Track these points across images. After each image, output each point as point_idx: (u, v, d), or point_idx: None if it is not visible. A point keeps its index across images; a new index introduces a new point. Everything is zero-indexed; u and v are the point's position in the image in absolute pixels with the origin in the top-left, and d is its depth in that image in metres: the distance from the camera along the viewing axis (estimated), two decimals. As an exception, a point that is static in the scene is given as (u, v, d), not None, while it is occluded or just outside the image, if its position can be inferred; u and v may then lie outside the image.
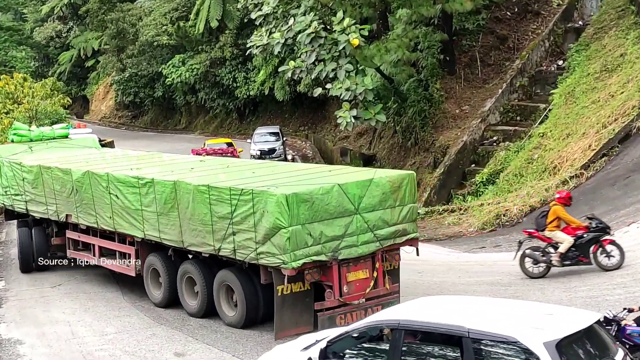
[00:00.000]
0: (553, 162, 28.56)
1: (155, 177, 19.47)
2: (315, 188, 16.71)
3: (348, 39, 30.34)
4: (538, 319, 10.33)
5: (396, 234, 17.85)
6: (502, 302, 12.14)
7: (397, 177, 17.99)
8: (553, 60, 36.41)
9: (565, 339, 9.77)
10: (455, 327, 10.15)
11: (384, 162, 39.96)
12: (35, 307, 21.23)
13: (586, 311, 11.43)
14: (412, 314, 10.99)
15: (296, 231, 16.21)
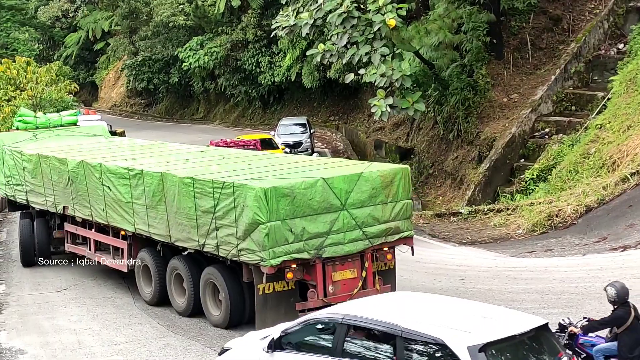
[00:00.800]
0: (612, 157, 28.35)
1: (144, 169, 20.19)
2: (297, 182, 17.17)
3: (384, 19, 30.23)
4: (473, 322, 11.35)
5: (388, 231, 18.21)
6: (455, 302, 13.05)
7: (389, 171, 18.38)
8: (613, 44, 36.13)
9: (491, 344, 10.67)
10: (390, 325, 11.37)
11: (422, 156, 39.89)
12: (39, 314, 21.39)
13: (530, 316, 12.12)
14: (359, 309, 12.27)
15: (275, 227, 16.68)
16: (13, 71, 49.87)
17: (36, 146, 26.50)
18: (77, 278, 24.62)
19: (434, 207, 34.28)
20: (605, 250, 22.98)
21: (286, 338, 12.65)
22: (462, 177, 34.81)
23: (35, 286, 24.12)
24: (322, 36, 41.62)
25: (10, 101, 47.76)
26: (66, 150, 25.01)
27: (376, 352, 11.55)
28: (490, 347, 10.65)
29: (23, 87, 49.22)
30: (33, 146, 26.50)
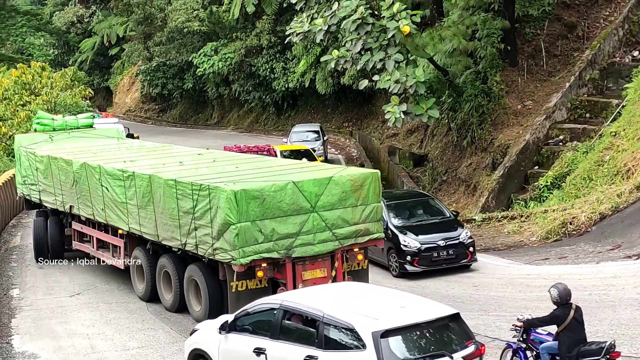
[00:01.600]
0: (626, 165, 28.23)
1: (135, 171, 21.46)
2: (267, 185, 18.21)
3: (398, 25, 30.22)
4: (386, 310, 13.03)
5: (357, 233, 19.17)
6: (384, 292, 14.67)
7: (359, 175, 19.41)
8: (628, 51, 35.99)
9: (394, 330, 12.24)
10: (315, 312, 13.07)
11: (436, 162, 39.81)
12: (52, 318, 21.45)
13: (444, 307, 13.47)
14: (295, 297, 14.08)
15: (245, 227, 17.73)
16: (28, 76, 50.15)
17: (50, 148, 27.71)
18: (90, 283, 24.68)
19: (447, 213, 34.21)
20: (620, 258, 22.88)
21: (240, 321, 14.32)
22: (475, 184, 34.72)
23: (48, 290, 24.19)
24: (336, 42, 41.66)
25: (25, 106, 48.04)
26: (76, 152, 26.19)
27: (304, 334, 13.17)
28: (392, 332, 12.19)
29: (38, 92, 49.49)
30: (47, 147, 27.70)
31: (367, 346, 12.11)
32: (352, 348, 12.38)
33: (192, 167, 22.13)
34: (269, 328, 13.72)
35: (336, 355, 12.52)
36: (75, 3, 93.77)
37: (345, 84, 51.31)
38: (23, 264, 27.74)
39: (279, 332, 13.50)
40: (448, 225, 24.41)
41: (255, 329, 14.09)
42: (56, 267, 26.82)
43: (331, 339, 12.70)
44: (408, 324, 12.51)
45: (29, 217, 36.14)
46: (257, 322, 14.16)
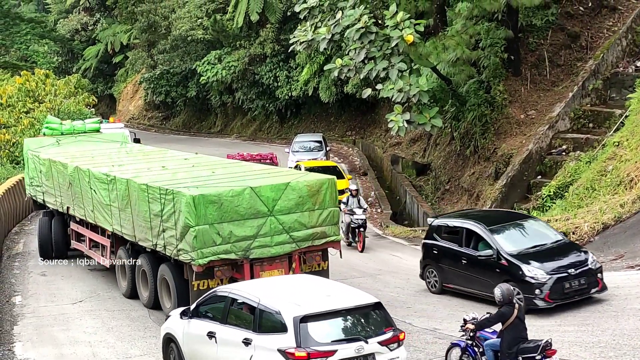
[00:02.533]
0: (629, 175, 28.19)
1: (116, 175, 22.73)
2: (225, 190, 19.41)
3: (401, 35, 30.27)
4: (312, 298, 14.61)
5: (314, 236, 20.32)
6: (318, 282, 16.22)
7: (315, 181, 20.53)
8: (631, 61, 35.99)
9: (313, 315, 13.84)
10: (253, 300, 14.73)
11: (439, 171, 39.81)
12: (54, 326, 21.45)
13: (366, 296, 14.92)
14: (241, 287, 15.76)
15: (203, 230, 18.95)
16: (32, 83, 50.18)
17: (53, 151, 28.97)
18: (92, 290, 24.70)
19: (450, 223, 34.16)
20: (622, 268, 22.85)
21: (201, 308, 15.98)
22: (478, 193, 34.70)
23: (50, 298, 24.20)
24: (340, 51, 41.66)
25: (28, 113, 48.07)
26: (75, 155, 27.56)
27: (245, 319, 14.82)
28: (312, 318, 13.80)
29: (42, 99, 49.52)
30: (53, 151, 28.95)
31: (288, 329, 13.73)
32: (278, 331, 13.92)
33: (171, 171, 23.28)
34: (220, 314, 15.38)
35: (266, 337, 14.09)
36: (80, 11, 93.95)
37: (349, 92, 51.32)
38: (25, 271, 27.76)
39: (227, 317, 15.18)
40: (568, 249, 21.00)
41: (210, 315, 15.69)
42: (58, 275, 26.87)
43: (264, 323, 14.30)
44: (327, 310, 14.11)
45: (31, 224, 36.19)
46: (212, 309, 15.77)
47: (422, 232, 31.95)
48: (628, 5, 38.05)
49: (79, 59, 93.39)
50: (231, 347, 14.72)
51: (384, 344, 14.11)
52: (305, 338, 13.63)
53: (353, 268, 26.29)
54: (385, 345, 14.16)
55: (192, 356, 15.91)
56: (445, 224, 22.52)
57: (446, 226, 22.43)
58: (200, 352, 15.65)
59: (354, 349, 13.80)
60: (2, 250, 30.60)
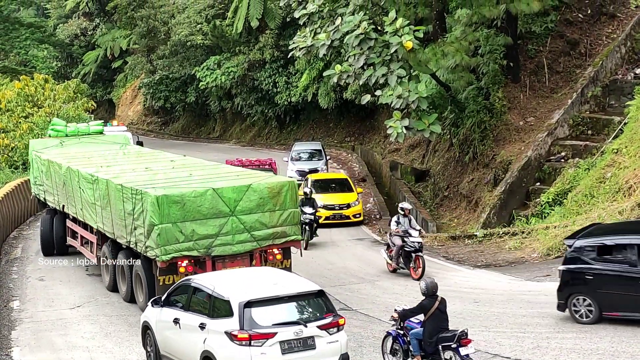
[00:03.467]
0: (628, 182, 28.21)
1: (99, 176, 23.99)
2: (188, 191, 20.73)
3: (401, 41, 30.30)
4: (259, 286, 16.05)
5: (275, 235, 21.58)
6: (270, 272, 17.80)
7: (276, 184, 21.85)
8: (630, 68, 36.02)
9: (256, 301, 15.22)
10: (209, 288, 16.16)
11: (438, 178, 39.81)
12: (52, 331, 21.41)
13: (309, 284, 16.33)
14: (202, 278, 17.20)
15: (166, 228, 20.27)
16: (31, 88, 50.15)
17: (56, 152, 30.27)
18: (90, 295, 24.67)
19: (448, 229, 34.18)
20: (621, 276, 22.81)
21: (172, 297, 17.30)
22: (477, 200, 34.70)
23: (49, 303, 24.16)
24: (339, 57, 41.71)
25: (27, 118, 48.03)
26: (74, 157, 28.84)
27: (203, 306, 16.14)
28: (255, 303, 15.17)
29: (41, 104, 49.48)
30: (54, 152, 30.24)
31: (234, 314, 15.14)
32: (227, 316, 15.31)
33: (152, 172, 24.56)
34: (184, 302, 16.79)
35: (216, 321, 15.51)
36: (79, 16, 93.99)
37: (348, 98, 51.34)
38: (24, 276, 27.73)
39: (189, 305, 16.59)
40: None
41: (177, 303, 17.05)
42: (56, 280, 26.85)
43: (216, 309, 15.72)
44: (270, 296, 15.53)
45: (30, 229, 36.18)
46: (179, 297, 17.14)
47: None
48: (627, 12, 38.10)
49: (78, 64, 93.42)
50: (191, 331, 16.14)
51: (323, 328, 15.45)
52: (248, 321, 15.02)
53: (352, 274, 26.29)
54: (325, 330, 15.48)
55: (163, 341, 17.26)
56: (599, 244, 19.25)
57: (602, 245, 19.17)
58: (168, 337, 17.05)
59: (293, 332, 15.15)
60: (0, 255, 30.58)
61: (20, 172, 43.87)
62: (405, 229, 25.55)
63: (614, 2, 38.64)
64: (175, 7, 71.43)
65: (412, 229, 25.56)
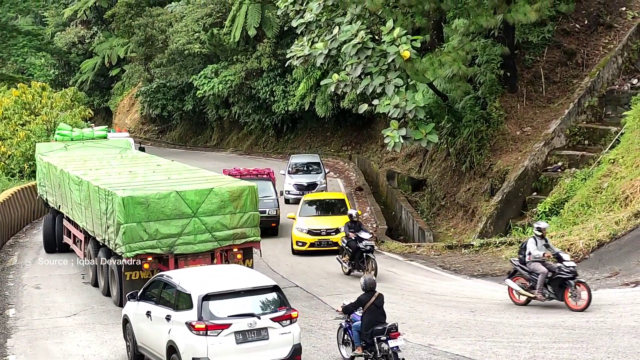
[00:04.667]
0: (625, 192, 28.24)
1: (83, 178, 25.57)
2: (152, 193, 22.20)
3: (398, 50, 30.35)
4: (219, 281, 17.40)
5: (235, 236, 23.00)
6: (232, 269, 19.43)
7: (237, 188, 23.16)
8: (626, 79, 36.10)
9: (213, 294, 16.44)
10: (174, 283, 17.43)
11: (435, 187, 39.82)
12: (48, 339, 21.36)
13: (266, 279, 17.60)
14: (171, 274, 18.44)
15: (131, 227, 21.78)
16: (28, 96, 50.15)
17: (58, 155, 31.85)
18: (86, 303, 24.63)
19: (445, 238, 34.18)
20: (617, 286, 22.85)
21: (147, 291, 18.46)
22: (474, 209, 34.71)
23: (44, 311, 24.12)
24: (337, 66, 41.79)
25: (24, 125, 48.01)
26: (71, 160, 30.48)
27: (170, 299, 17.33)
28: (213, 297, 16.39)
29: (38, 111, 49.46)
30: (56, 155, 31.89)
31: (194, 306, 16.33)
32: (188, 308, 16.50)
33: (134, 175, 26.22)
34: (156, 296, 17.98)
35: (179, 313, 16.70)
36: (77, 24, 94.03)
37: (345, 107, 51.40)
38: (20, 284, 27.69)
39: (159, 299, 17.79)
40: None
41: (151, 297, 18.20)
42: (52, 288, 26.82)
43: (180, 302, 16.92)
44: (227, 290, 16.73)
45: (26, 237, 36.16)
46: (152, 291, 18.28)
47: (417, 247, 32.00)
48: (624, 23, 38.19)
49: (75, 71, 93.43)
50: (159, 323, 17.36)
51: (276, 320, 16.59)
52: (206, 313, 16.22)
53: (348, 283, 26.26)
54: (278, 322, 16.61)
55: (139, 333, 18.48)
56: None
57: None
58: (142, 329, 18.28)
59: (247, 323, 16.31)
60: (-4, 263, 30.64)
61: (17, 180, 43.82)
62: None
63: (611, 13, 38.75)
64: (172, 15, 71.48)
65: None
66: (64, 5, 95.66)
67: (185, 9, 69.81)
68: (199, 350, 16.07)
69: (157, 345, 17.46)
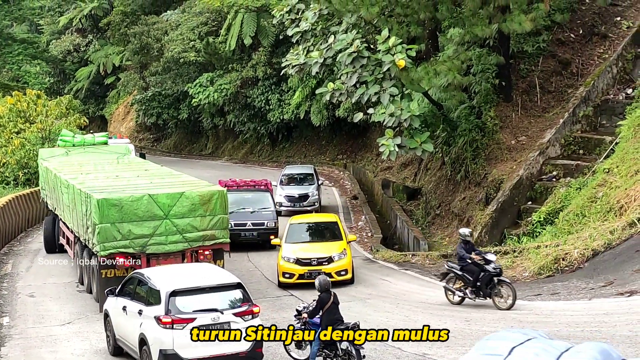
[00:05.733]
0: (619, 202, 28.25)
1: (69, 182, 26.88)
2: (125, 196, 23.44)
3: (393, 59, 30.39)
4: (187, 278, 18.82)
5: (205, 237, 24.18)
6: (200, 267, 21.24)
7: (207, 192, 24.40)
8: (621, 89, 36.15)
9: (179, 291, 17.89)
10: (146, 279, 18.93)
11: (430, 196, 39.82)
12: (42, 347, 21.33)
13: (230, 277, 18.92)
14: (145, 271, 20.00)
15: (105, 228, 23.03)
16: (23, 104, 50.12)
17: (58, 160, 33.35)
18: (81, 312, 24.60)
19: (440, 247, 34.17)
20: (612, 295, 22.84)
21: (124, 288, 20.02)
22: (469, 219, 34.71)
23: (38, 319, 24.09)
24: (332, 75, 41.78)
25: (19, 133, 47.98)
26: (73, 164, 31.89)
27: (143, 295, 18.87)
28: (179, 292, 17.85)
29: (33, 119, 49.43)
30: (56, 160, 33.41)
31: (162, 301, 17.66)
32: (157, 303, 17.85)
33: (118, 179, 27.61)
34: (131, 292, 19.48)
35: (150, 308, 18.08)
36: (72, 32, 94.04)
37: (340, 116, 51.42)
38: (14, 292, 27.65)
39: (134, 294, 19.26)
40: None
41: (128, 293, 19.68)
42: (47, 296, 26.80)
43: (151, 297, 18.34)
44: (193, 287, 18.15)
45: (20, 245, 36.10)
46: (129, 287, 19.80)
47: (412, 256, 31.99)
48: (619, 33, 38.25)
49: (70, 80, 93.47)
50: (133, 317, 18.68)
51: (238, 315, 17.84)
52: (173, 308, 17.54)
53: (343, 292, 26.24)
54: (240, 317, 17.83)
55: (117, 326, 19.88)
56: None
57: None
58: (119, 323, 19.68)
59: (211, 318, 17.55)
60: (-10, 271, 30.60)
61: (12, 188, 43.77)
62: None
63: (606, 23, 38.81)
64: (168, 24, 71.52)
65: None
66: (60, 13, 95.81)
67: (181, 18, 69.88)
68: (166, 342, 17.37)
69: (131, 338, 18.77)
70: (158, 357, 17.50)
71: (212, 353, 17.56)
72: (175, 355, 17.38)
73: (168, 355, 17.40)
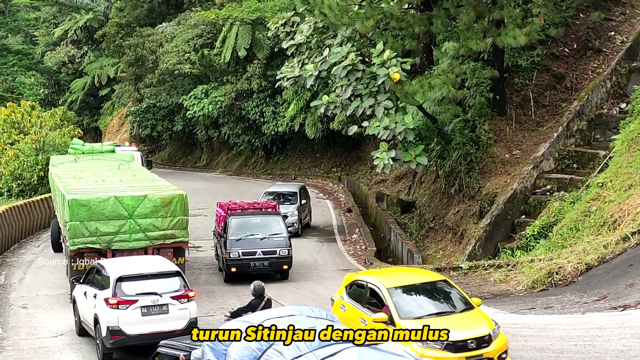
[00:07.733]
0: (613, 216, 28.28)
1: (59, 185, 29.14)
2: (93, 197, 25.91)
3: (388, 73, 30.42)
4: (135, 267, 21.71)
5: (165, 236, 26.47)
6: (153, 259, 24.00)
7: (168, 195, 26.71)
8: (615, 103, 36.24)
9: (127, 277, 20.90)
10: (103, 268, 21.84)
11: (423, 209, 39.83)
12: (34, 359, 21.28)
13: (171, 266, 22.20)
14: (104, 262, 22.94)
15: (75, 225, 25.46)
16: (17, 115, 50.08)
17: (64, 166, 35.07)
18: (73, 323, 24.51)
19: (434, 261, 34.15)
20: (605, 309, 22.84)
21: (87, 276, 22.91)
22: (462, 232, 34.71)
23: (31, 331, 24.02)
24: (327, 88, 41.81)
25: (13, 145, 47.91)
26: (76, 170, 33.45)
27: (100, 281, 21.71)
28: (125, 279, 20.90)
29: (27, 131, 49.38)
30: (63, 166, 35.19)
31: (110, 286, 20.75)
32: (107, 287, 20.94)
33: (101, 183, 29.70)
34: (91, 279, 22.36)
35: (102, 292, 21.08)
36: (67, 43, 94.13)
37: (335, 129, 51.43)
38: (6, 304, 27.58)
39: (93, 281, 22.12)
40: None
41: (89, 280, 22.54)
42: (40, 307, 26.72)
43: (103, 283, 21.36)
44: (137, 273, 21.18)
45: (14, 256, 36.02)
46: (90, 276, 22.63)
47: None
48: (613, 47, 38.37)
49: (65, 91, 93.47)
50: (90, 300, 21.61)
51: (175, 298, 20.86)
52: (119, 292, 20.57)
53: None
54: (177, 300, 20.86)
55: (80, 310, 22.72)
56: None
57: None
58: (82, 307, 22.52)
59: (151, 300, 20.64)
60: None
61: (5, 199, 43.68)
62: None
63: (600, 37, 38.92)
64: (163, 36, 71.60)
65: None
66: (55, 24, 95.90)
67: (176, 30, 69.95)
68: (112, 320, 20.34)
69: (89, 318, 21.61)
70: (106, 333, 20.32)
71: (151, 330, 20.31)
72: (120, 331, 20.34)
73: (114, 331, 20.32)
